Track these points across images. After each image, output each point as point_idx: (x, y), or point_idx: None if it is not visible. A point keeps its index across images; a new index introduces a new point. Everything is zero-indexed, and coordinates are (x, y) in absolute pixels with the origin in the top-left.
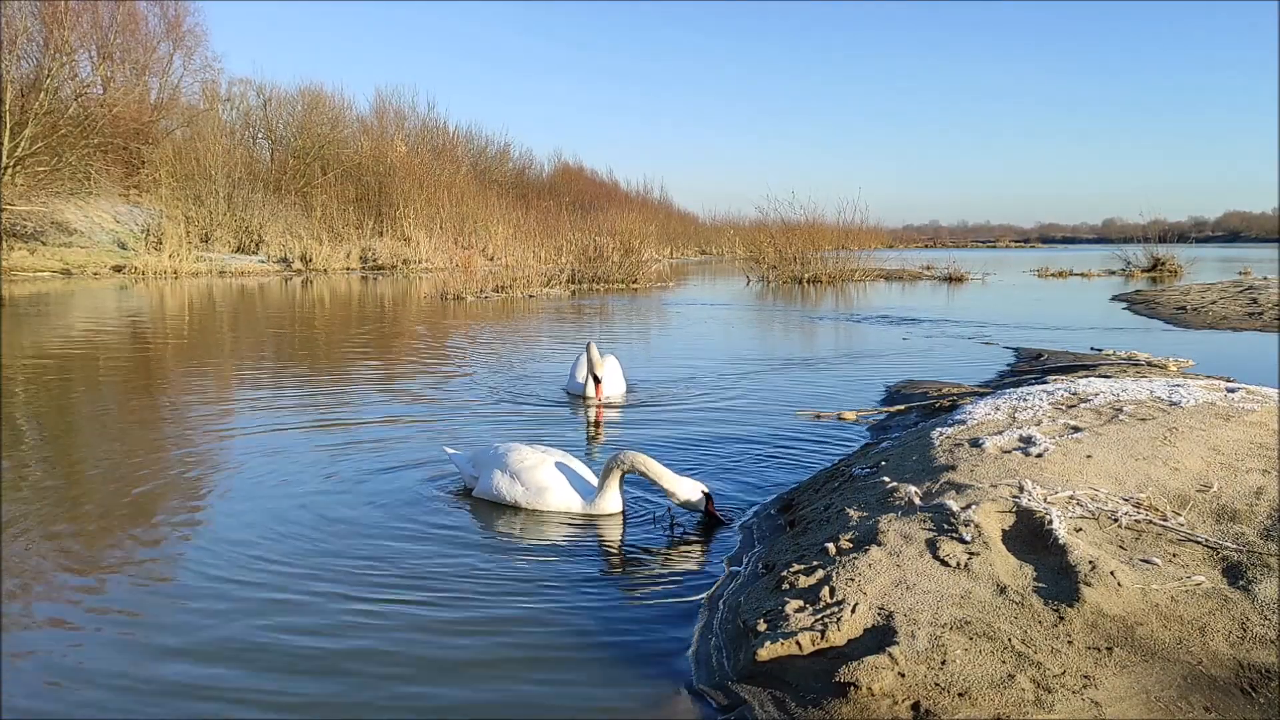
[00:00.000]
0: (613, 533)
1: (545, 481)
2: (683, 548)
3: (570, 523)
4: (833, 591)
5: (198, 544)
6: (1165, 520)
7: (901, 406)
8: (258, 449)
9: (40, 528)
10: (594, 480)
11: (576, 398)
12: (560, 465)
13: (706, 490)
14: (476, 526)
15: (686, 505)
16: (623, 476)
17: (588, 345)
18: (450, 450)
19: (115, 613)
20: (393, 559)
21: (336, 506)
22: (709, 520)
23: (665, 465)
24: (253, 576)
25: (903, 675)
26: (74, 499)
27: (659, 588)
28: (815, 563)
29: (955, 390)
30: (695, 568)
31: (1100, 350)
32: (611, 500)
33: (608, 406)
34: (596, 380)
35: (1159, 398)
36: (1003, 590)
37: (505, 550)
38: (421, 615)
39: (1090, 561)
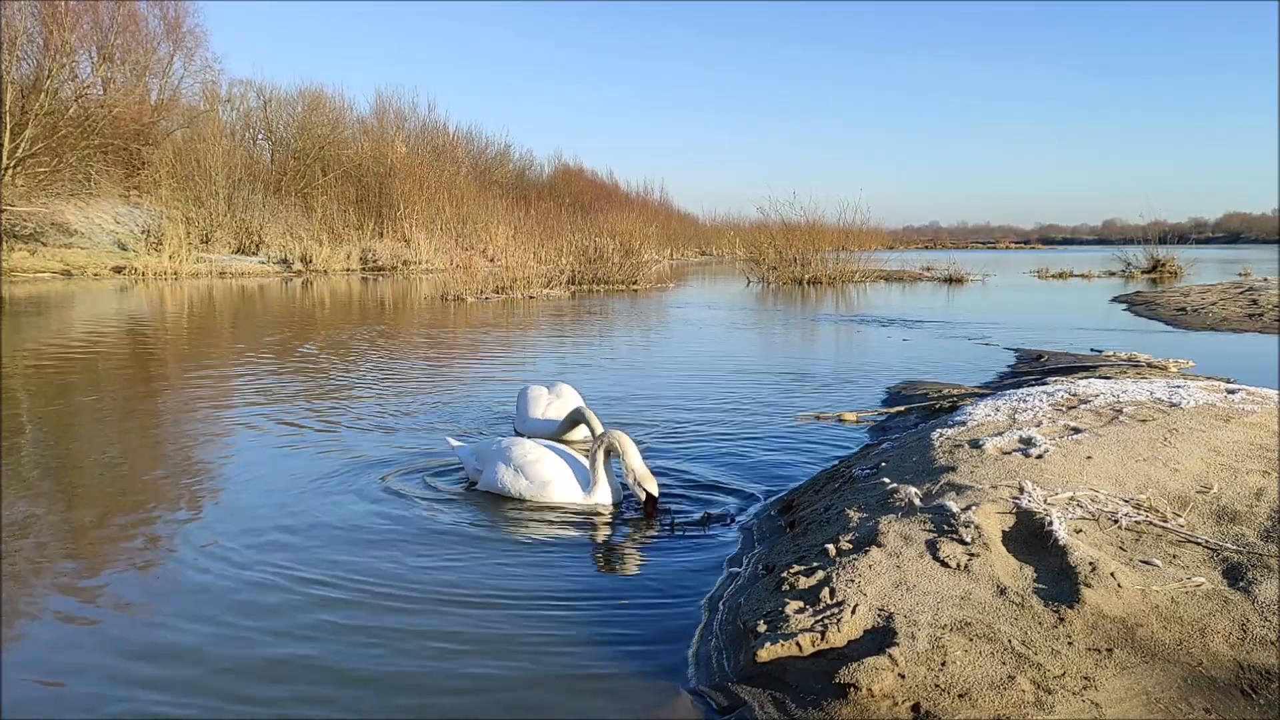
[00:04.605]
0: (613, 528)
1: (548, 474)
2: (683, 547)
3: (570, 518)
4: (833, 593)
5: (198, 544)
6: (1165, 521)
7: (901, 408)
8: (258, 447)
9: (40, 527)
10: None
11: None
12: (563, 457)
13: (654, 494)
14: (476, 522)
15: (633, 489)
16: (608, 458)
17: (605, 434)
18: (454, 443)
19: (115, 614)
20: (392, 557)
21: (337, 503)
22: (646, 505)
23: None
24: (254, 576)
25: (903, 676)
26: (73, 499)
27: (658, 587)
28: (815, 564)
29: (955, 391)
30: (695, 568)
31: (1100, 351)
32: (606, 491)
33: (571, 446)
34: (653, 500)
35: (1159, 399)
36: (1003, 591)
37: (502, 548)
38: (418, 614)
39: (1090, 563)
